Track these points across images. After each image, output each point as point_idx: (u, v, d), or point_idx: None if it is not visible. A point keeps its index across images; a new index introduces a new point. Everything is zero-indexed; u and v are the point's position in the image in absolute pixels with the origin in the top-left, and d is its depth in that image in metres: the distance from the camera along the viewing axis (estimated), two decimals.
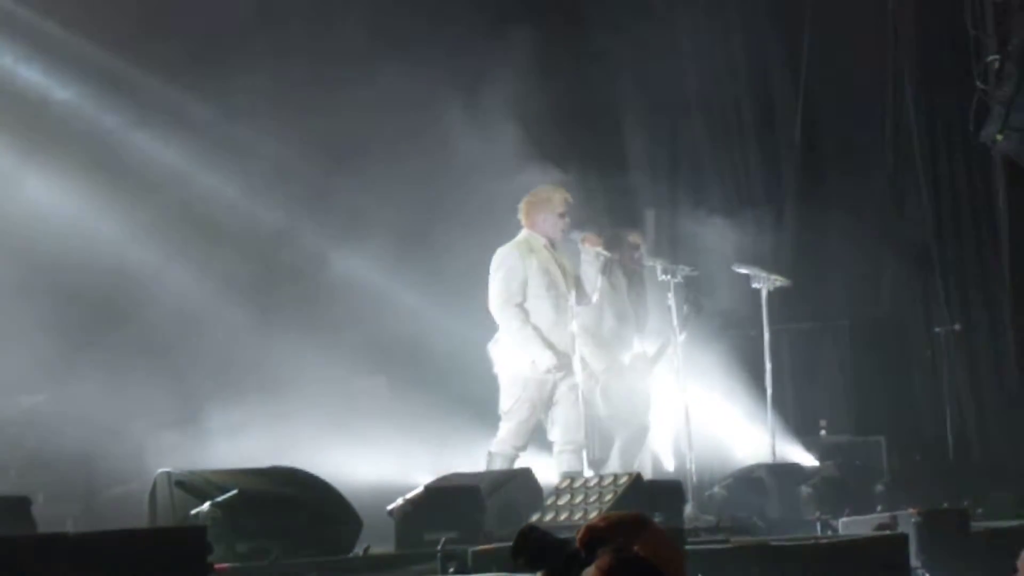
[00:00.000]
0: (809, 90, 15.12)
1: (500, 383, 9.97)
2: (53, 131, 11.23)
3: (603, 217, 11.87)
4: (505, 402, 9.88)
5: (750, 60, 15.33)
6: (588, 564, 3.51)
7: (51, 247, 10.93)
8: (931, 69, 14.81)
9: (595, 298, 10.25)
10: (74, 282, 10.99)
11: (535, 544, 3.57)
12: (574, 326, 9.93)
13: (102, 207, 11.19)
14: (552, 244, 10.01)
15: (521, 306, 9.79)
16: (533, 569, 3.59)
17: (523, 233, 10.02)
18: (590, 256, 10.11)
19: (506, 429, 9.83)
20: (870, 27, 14.99)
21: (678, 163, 15.03)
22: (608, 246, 10.51)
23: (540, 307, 9.84)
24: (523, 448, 9.88)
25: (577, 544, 3.56)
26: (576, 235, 10.12)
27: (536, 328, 9.79)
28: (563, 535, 3.66)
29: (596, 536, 3.56)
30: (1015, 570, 4.23)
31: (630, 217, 13.34)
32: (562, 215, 9.97)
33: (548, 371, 9.73)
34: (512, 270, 9.81)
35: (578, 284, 10.06)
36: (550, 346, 9.77)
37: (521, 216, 10.05)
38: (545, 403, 9.89)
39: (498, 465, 9.65)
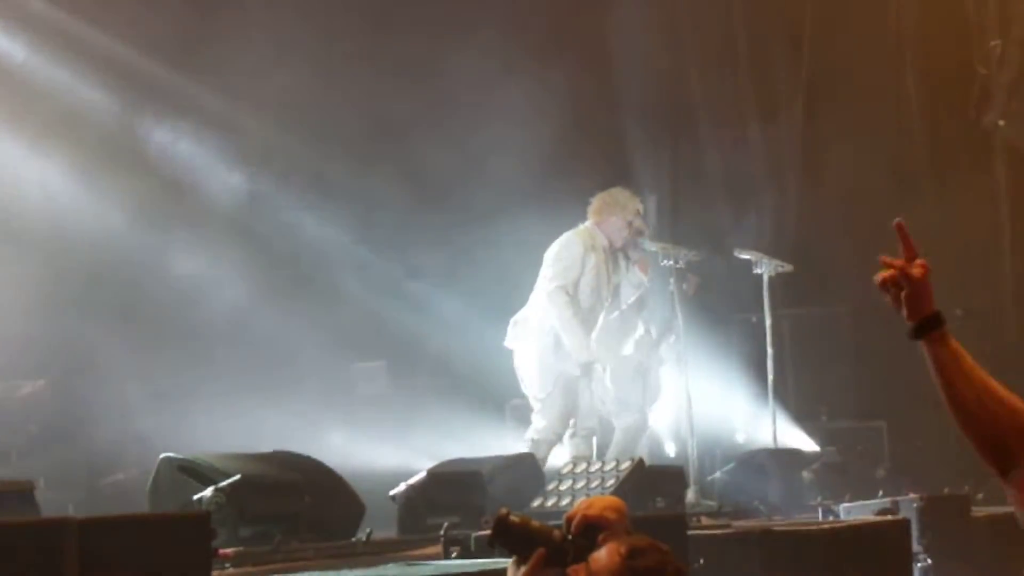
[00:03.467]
0: (811, 75, 15.11)
1: (523, 366, 9.94)
2: (41, 109, 11.19)
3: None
4: (538, 391, 9.86)
5: (751, 43, 15.32)
6: (584, 550, 3.50)
7: (51, 230, 10.92)
8: (933, 54, 14.81)
9: (622, 308, 10.31)
10: (74, 266, 10.98)
11: (516, 530, 3.55)
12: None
13: (98, 187, 11.16)
14: (611, 247, 10.01)
15: (573, 296, 9.79)
16: (515, 553, 3.58)
17: (588, 226, 10.00)
18: (635, 280, 10.21)
19: (546, 419, 9.81)
20: (872, 12, 14.99)
21: (679, 148, 15.00)
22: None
23: (580, 302, 9.86)
24: (564, 432, 9.90)
25: (571, 530, 3.55)
26: (634, 253, 10.19)
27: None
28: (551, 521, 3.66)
29: (593, 522, 3.55)
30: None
31: None
32: (630, 223, 9.98)
33: (582, 364, 9.76)
34: (574, 259, 9.83)
35: (615, 294, 10.12)
36: (590, 342, 9.84)
37: (592, 210, 10.03)
38: (575, 393, 9.91)
39: (543, 451, 9.65)
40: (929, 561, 8.63)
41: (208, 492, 6.83)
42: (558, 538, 3.56)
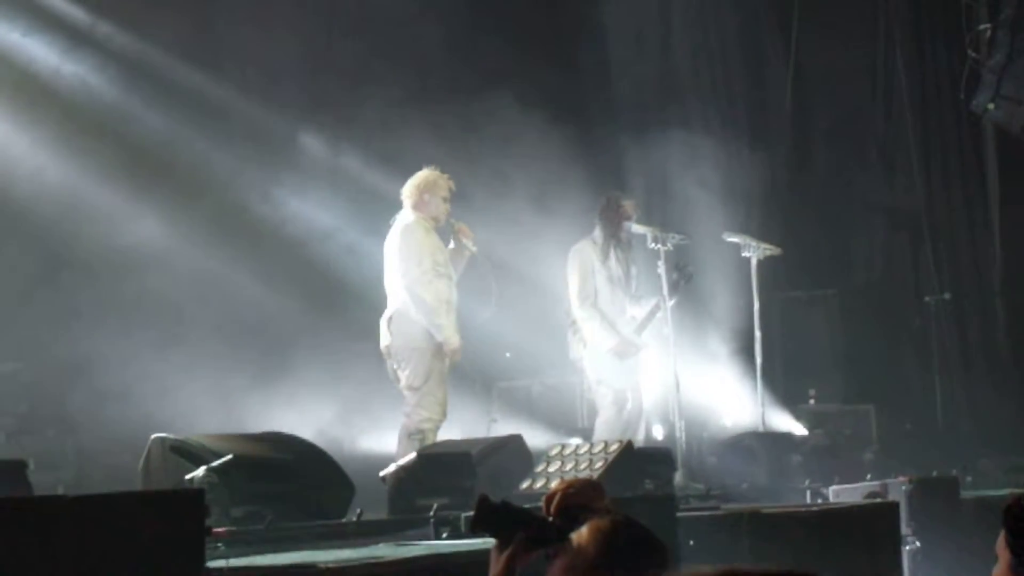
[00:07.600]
0: (800, 58, 15.11)
1: (399, 358, 9.92)
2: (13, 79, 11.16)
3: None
4: (416, 378, 9.84)
5: (741, 26, 15.32)
6: (565, 530, 3.52)
7: (39, 210, 10.89)
8: (923, 38, 14.82)
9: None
10: (61, 249, 10.97)
11: (497, 513, 3.58)
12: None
13: (82, 168, 11.13)
14: (436, 225, 10.05)
15: (432, 282, 9.83)
16: (497, 537, 3.60)
17: (410, 214, 9.98)
18: (459, 246, 10.16)
19: (429, 404, 9.82)
20: None
21: (668, 131, 15.00)
22: (603, 212, 10.65)
23: (438, 285, 9.88)
24: (446, 417, 9.96)
25: (551, 511, 3.57)
26: (454, 221, 10.18)
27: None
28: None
29: (572, 503, 3.58)
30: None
31: (620, 184, 13.34)
32: (445, 199, 10.01)
33: (453, 348, 9.82)
34: (422, 247, 9.85)
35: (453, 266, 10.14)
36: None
37: (409, 197, 10.01)
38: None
39: (431, 438, 9.63)
40: (918, 544, 8.64)
41: (200, 472, 6.85)
42: (539, 520, 3.59)
